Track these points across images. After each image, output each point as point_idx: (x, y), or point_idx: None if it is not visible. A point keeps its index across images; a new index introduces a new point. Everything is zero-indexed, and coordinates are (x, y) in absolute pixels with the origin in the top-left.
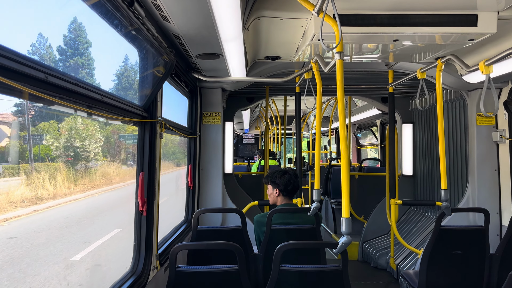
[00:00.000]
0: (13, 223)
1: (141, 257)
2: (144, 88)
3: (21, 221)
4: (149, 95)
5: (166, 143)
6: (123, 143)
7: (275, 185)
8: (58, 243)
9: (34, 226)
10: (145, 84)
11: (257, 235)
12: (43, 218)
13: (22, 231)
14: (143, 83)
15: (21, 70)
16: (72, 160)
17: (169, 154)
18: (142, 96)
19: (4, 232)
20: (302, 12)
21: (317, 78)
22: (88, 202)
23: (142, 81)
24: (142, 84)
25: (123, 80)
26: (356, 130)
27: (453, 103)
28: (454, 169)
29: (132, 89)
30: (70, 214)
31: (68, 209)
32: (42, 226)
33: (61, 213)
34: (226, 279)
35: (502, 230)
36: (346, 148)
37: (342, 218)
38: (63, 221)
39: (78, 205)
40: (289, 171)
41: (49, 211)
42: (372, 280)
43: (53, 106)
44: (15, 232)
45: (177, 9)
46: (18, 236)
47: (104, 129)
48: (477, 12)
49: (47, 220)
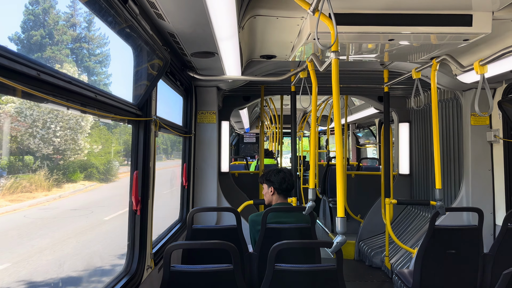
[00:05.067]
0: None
1: (135, 257)
2: (138, 87)
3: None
4: (143, 94)
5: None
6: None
7: (270, 183)
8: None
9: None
10: (140, 82)
11: (252, 234)
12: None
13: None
14: (138, 81)
15: (12, 67)
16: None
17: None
18: (137, 95)
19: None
20: (298, 11)
21: (312, 77)
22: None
23: (136, 79)
24: (136, 82)
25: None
26: (356, 129)
27: (448, 103)
28: (449, 169)
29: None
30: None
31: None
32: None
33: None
34: (220, 278)
35: (495, 229)
36: (341, 147)
37: (337, 217)
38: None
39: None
40: (284, 169)
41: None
42: (366, 279)
43: (46, 104)
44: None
45: (172, 7)
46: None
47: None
48: (472, 12)
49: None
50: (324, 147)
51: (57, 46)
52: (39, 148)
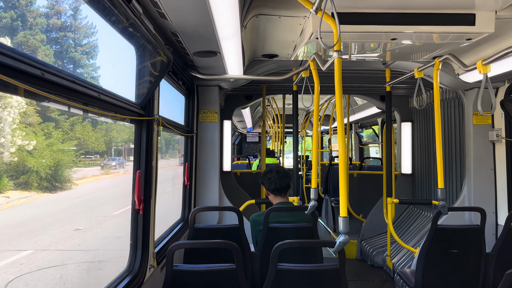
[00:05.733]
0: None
1: (138, 256)
2: (141, 86)
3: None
4: (146, 93)
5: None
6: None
7: (265, 184)
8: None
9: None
10: (142, 82)
11: (253, 234)
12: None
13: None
14: (140, 81)
15: (17, 67)
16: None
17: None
18: (139, 94)
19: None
20: (300, 10)
21: (314, 77)
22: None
23: (139, 79)
24: (139, 82)
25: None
26: (358, 129)
27: (450, 102)
28: (451, 168)
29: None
30: None
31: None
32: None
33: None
34: (223, 277)
35: (498, 229)
36: (344, 146)
37: (339, 217)
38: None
39: None
40: (274, 169)
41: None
42: (368, 279)
43: (49, 103)
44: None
45: (175, 6)
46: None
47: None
48: (475, 11)
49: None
50: (326, 146)
51: (30, 31)
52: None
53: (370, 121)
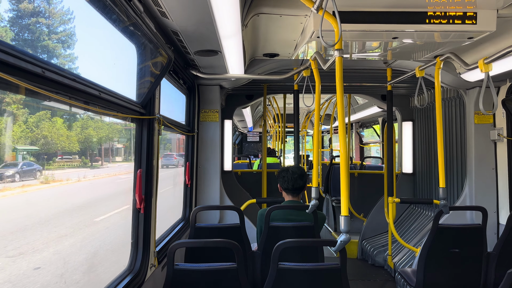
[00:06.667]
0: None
1: (139, 255)
2: (142, 85)
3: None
4: (147, 92)
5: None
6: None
7: (279, 181)
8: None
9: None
10: (143, 81)
11: (259, 228)
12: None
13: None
14: (141, 80)
15: (17, 65)
16: None
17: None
18: (140, 93)
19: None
20: (301, 9)
21: (315, 76)
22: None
23: (140, 78)
24: (140, 81)
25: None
26: (359, 128)
27: (451, 102)
28: (452, 167)
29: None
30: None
31: None
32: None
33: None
34: (224, 276)
35: (499, 228)
36: (345, 146)
37: (341, 216)
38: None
39: None
40: (290, 169)
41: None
42: (369, 278)
43: (50, 101)
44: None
45: (176, 5)
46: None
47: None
48: (477, 10)
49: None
50: (327, 146)
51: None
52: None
53: (371, 121)
